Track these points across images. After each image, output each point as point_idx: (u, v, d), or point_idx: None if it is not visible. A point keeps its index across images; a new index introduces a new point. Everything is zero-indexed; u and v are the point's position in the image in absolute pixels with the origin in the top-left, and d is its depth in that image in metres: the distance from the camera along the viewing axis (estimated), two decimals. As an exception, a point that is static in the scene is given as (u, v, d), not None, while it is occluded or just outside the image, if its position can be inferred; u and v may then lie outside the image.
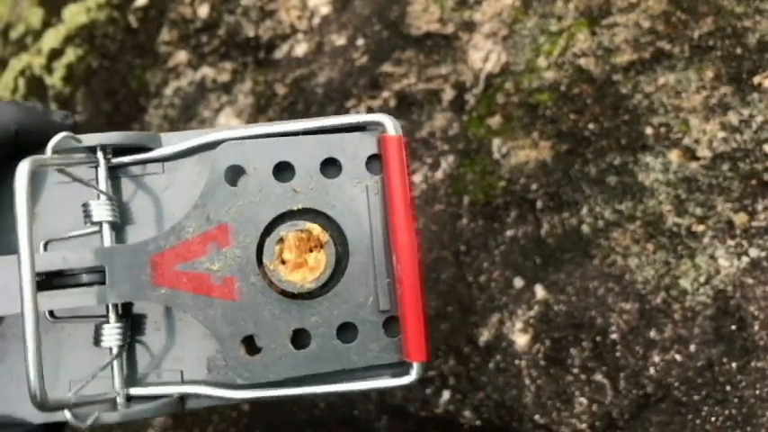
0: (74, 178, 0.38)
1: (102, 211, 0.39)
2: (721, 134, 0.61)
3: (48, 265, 0.37)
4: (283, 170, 0.39)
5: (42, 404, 0.33)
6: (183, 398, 0.40)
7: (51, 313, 0.40)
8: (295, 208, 0.39)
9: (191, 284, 0.38)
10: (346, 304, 0.39)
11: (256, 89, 0.83)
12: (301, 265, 0.39)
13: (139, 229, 0.41)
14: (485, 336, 0.63)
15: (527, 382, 0.60)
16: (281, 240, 0.39)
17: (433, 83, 0.74)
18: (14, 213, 0.34)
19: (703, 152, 0.61)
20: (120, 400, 0.39)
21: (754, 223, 0.57)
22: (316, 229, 0.39)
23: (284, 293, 0.38)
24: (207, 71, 0.86)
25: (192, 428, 0.74)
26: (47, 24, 1.02)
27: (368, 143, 0.40)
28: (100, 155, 0.40)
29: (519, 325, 0.62)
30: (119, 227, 0.40)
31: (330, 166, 0.40)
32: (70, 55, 0.98)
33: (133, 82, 0.91)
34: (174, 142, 0.41)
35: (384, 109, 0.75)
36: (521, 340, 0.61)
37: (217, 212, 0.38)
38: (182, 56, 0.88)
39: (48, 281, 0.38)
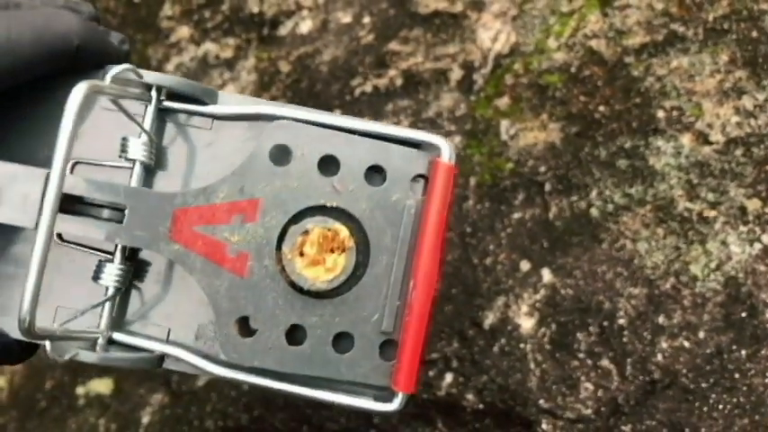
0: (123, 111, 0.37)
1: (139, 149, 0.38)
2: (735, 119, 0.59)
3: (71, 189, 0.36)
4: (329, 164, 0.38)
5: (28, 331, 0.32)
6: (162, 357, 0.39)
7: (60, 236, 0.40)
8: (329, 204, 0.38)
9: (205, 248, 0.37)
10: (351, 314, 0.38)
11: (260, 66, 0.82)
12: (318, 263, 0.38)
13: (170, 178, 0.40)
14: (490, 319, 0.62)
15: (532, 366, 0.59)
16: (305, 232, 0.38)
17: (440, 62, 0.73)
18: (58, 133, 0.33)
19: (716, 137, 0.59)
20: (101, 341, 0.38)
21: (767, 209, 0.56)
22: (343, 231, 0.38)
23: (293, 286, 0.38)
24: (209, 47, 0.85)
25: (189, 406, 0.73)
26: (46, -3, 1.00)
27: (419, 162, 0.39)
28: (154, 94, 0.39)
29: (525, 308, 0.61)
30: (151, 169, 0.40)
31: (375, 174, 0.39)
32: (70, 29, 0.96)
33: (135, 57, 0.89)
34: (230, 103, 0.40)
35: (390, 89, 0.74)
36: (526, 324, 0.61)
37: (252, 186, 0.38)
38: (184, 31, 0.87)
39: (67, 203, 0.37)
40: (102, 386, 0.79)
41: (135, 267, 0.40)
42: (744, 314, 0.54)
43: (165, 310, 0.40)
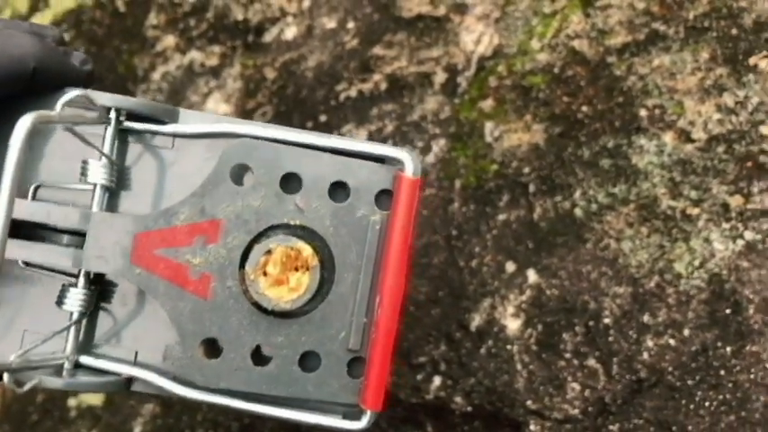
0: (78, 136, 0.37)
1: (99, 172, 0.38)
2: (717, 116, 0.60)
3: (30, 216, 0.36)
4: (291, 181, 0.38)
5: None
6: (130, 379, 0.39)
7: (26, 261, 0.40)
8: (292, 222, 0.38)
9: (167, 271, 0.37)
10: (317, 333, 0.38)
11: (245, 73, 0.82)
12: (282, 282, 0.37)
13: (133, 199, 0.40)
14: (476, 321, 0.62)
15: (519, 367, 0.59)
16: (268, 252, 0.37)
17: (424, 66, 0.73)
18: (5, 164, 0.33)
19: (698, 134, 0.60)
20: (67, 365, 0.38)
21: (749, 206, 0.56)
22: (306, 249, 0.37)
23: (257, 306, 0.37)
24: (195, 55, 0.85)
25: (180, 416, 0.73)
26: (34, 9, 1.00)
27: (383, 177, 0.38)
28: (113, 116, 0.38)
29: (511, 310, 0.61)
30: (113, 191, 0.39)
31: (339, 190, 0.38)
32: (57, 40, 0.96)
33: (120, 67, 0.90)
34: (192, 121, 0.40)
35: (374, 93, 0.74)
36: (512, 325, 0.61)
37: (213, 206, 0.37)
38: (169, 40, 0.87)
39: (28, 228, 0.37)
40: (93, 398, 0.79)
41: (101, 290, 0.40)
42: (728, 311, 0.55)
43: (131, 332, 0.40)
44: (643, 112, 0.62)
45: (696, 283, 0.56)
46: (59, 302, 0.38)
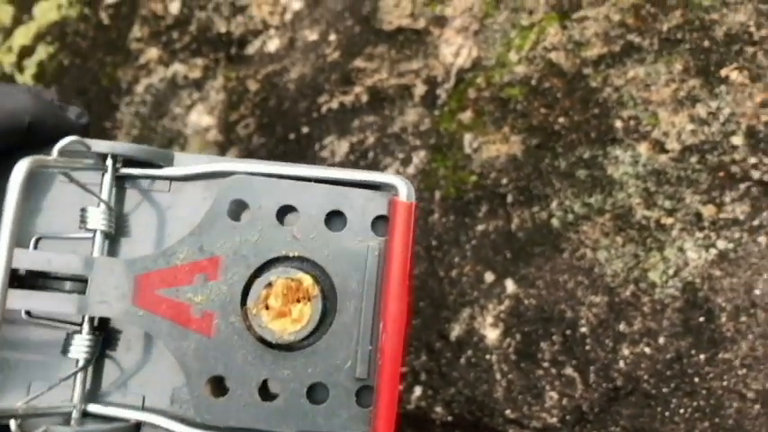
0: (76, 183, 0.37)
1: (98, 219, 0.38)
2: (690, 126, 0.61)
3: (31, 264, 0.36)
4: (287, 214, 0.39)
5: None
6: (138, 425, 0.39)
7: (28, 312, 0.40)
8: (291, 254, 0.38)
9: (170, 312, 0.37)
10: (323, 364, 0.38)
11: (228, 85, 0.83)
12: (284, 315, 0.37)
13: (134, 244, 0.40)
14: (456, 331, 0.63)
15: (498, 376, 0.60)
16: (269, 285, 0.37)
17: (404, 78, 0.74)
18: (3, 209, 0.33)
19: (672, 145, 0.61)
20: (75, 414, 0.38)
21: (721, 215, 0.58)
22: (307, 280, 0.38)
23: (261, 340, 0.37)
24: (178, 68, 0.85)
25: None
26: (17, 22, 1.00)
27: (378, 203, 0.39)
28: (109, 163, 0.39)
29: (490, 319, 0.62)
30: (113, 237, 0.40)
31: (335, 219, 0.39)
32: (41, 53, 0.97)
33: (104, 79, 0.90)
34: (186, 163, 0.40)
35: (356, 105, 0.75)
36: (491, 335, 0.61)
37: (211, 244, 0.37)
38: (153, 52, 0.87)
39: (31, 278, 0.37)
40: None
41: (105, 336, 0.40)
42: (701, 319, 0.55)
43: (138, 377, 0.40)
44: (618, 124, 0.63)
45: (670, 292, 0.57)
46: (65, 350, 0.38)
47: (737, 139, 0.59)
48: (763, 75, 0.60)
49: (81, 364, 0.38)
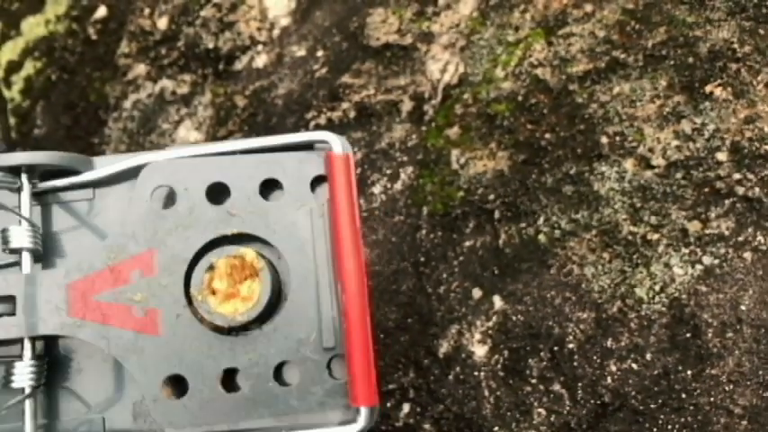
0: None
1: (22, 237, 0.36)
2: (675, 142, 0.61)
3: None
4: (218, 192, 0.36)
5: None
6: None
7: None
8: (229, 233, 0.36)
9: (111, 317, 0.35)
10: (286, 341, 0.35)
11: (216, 101, 0.83)
12: (234, 296, 0.35)
13: (65, 258, 0.38)
14: (444, 347, 0.62)
15: (486, 393, 0.60)
16: (211, 268, 0.35)
17: (391, 94, 0.74)
18: None
19: (657, 160, 0.61)
20: None
21: (707, 231, 0.58)
22: (249, 254, 0.36)
23: (215, 328, 0.35)
24: (166, 83, 0.85)
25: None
26: (5, 37, 1.00)
27: (313, 163, 0.37)
28: (24, 178, 0.37)
29: (478, 336, 0.62)
30: (41, 255, 0.37)
31: (271, 188, 0.37)
32: (29, 68, 0.96)
33: (92, 95, 0.90)
34: (107, 165, 0.38)
35: (344, 121, 0.75)
36: (479, 351, 0.61)
37: (142, 237, 0.35)
38: (141, 68, 0.87)
39: None
40: None
41: (54, 361, 0.37)
42: (688, 335, 0.56)
43: (95, 397, 0.37)
44: (604, 139, 0.63)
45: (657, 308, 0.57)
46: (6, 382, 0.35)
47: (722, 155, 0.59)
48: (747, 91, 0.60)
49: (28, 392, 0.35)
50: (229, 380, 0.35)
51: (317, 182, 0.37)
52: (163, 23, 0.87)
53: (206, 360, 0.35)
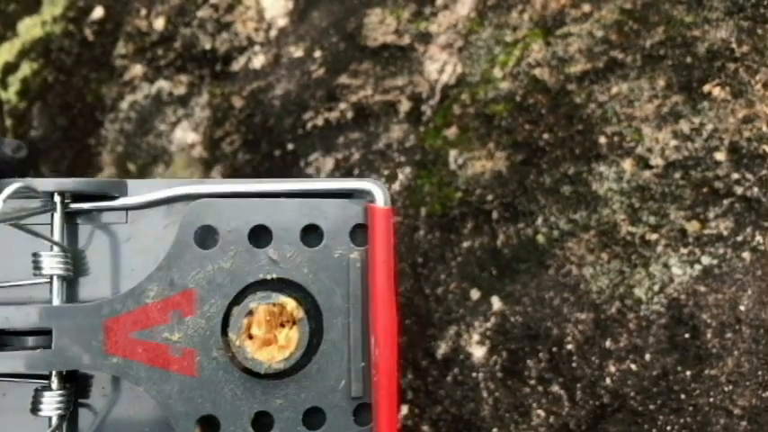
0: (26, 230, 0.34)
1: (53, 263, 0.35)
2: (673, 142, 0.61)
3: None
4: (260, 234, 0.36)
5: None
6: None
7: None
8: (269, 277, 0.36)
9: (146, 355, 0.34)
10: (316, 387, 0.36)
11: (213, 102, 0.82)
12: (270, 342, 0.35)
13: (95, 284, 0.37)
14: (442, 348, 0.62)
15: (484, 394, 0.60)
16: (250, 313, 0.35)
17: (389, 94, 0.74)
18: None
19: (656, 161, 0.61)
20: None
21: (706, 231, 0.58)
22: (290, 303, 0.36)
23: (249, 372, 0.35)
24: (163, 84, 0.85)
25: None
26: (1, 38, 1.00)
27: (354, 212, 0.37)
28: (57, 200, 0.36)
29: (476, 337, 0.61)
30: (72, 280, 0.37)
31: (311, 234, 0.37)
32: (25, 69, 0.96)
33: (89, 96, 0.89)
34: (142, 190, 0.37)
35: (341, 121, 0.75)
36: (478, 352, 0.61)
37: (182, 277, 0.35)
38: (137, 69, 0.87)
39: None
40: None
41: (78, 386, 0.37)
42: (687, 335, 0.55)
43: (117, 427, 0.37)
44: (602, 140, 0.63)
45: (656, 309, 0.57)
46: (34, 409, 0.35)
47: (721, 155, 0.59)
48: (745, 91, 0.60)
49: (55, 422, 0.35)
50: (260, 423, 0.36)
51: (355, 230, 0.37)
52: (159, 24, 0.87)
53: (239, 403, 0.35)
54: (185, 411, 0.35)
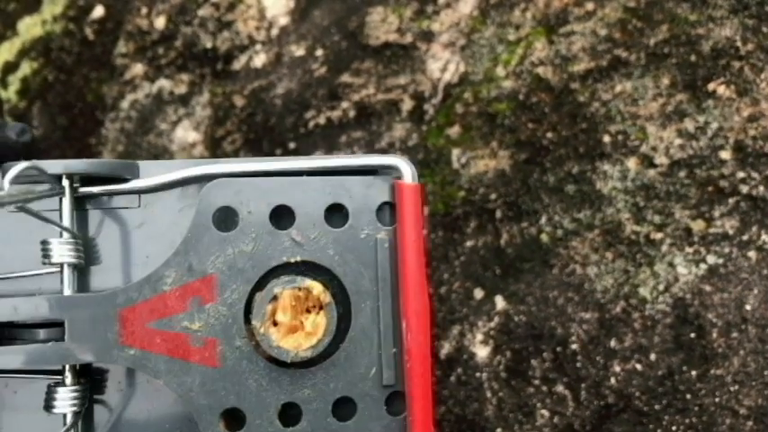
0: (34, 215, 0.32)
1: (63, 251, 0.33)
2: (678, 141, 0.60)
3: None
4: (282, 215, 0.34)
5: None
6: None
7: None
8: (293, 260, 0.34)
9: (165, 346, 0.33)
10: (345, 376, 0.34)
11: (214, 101, 0.82)
12: (296, 329, 0.34)
13: (107, 273, 0.35)
14: (446, 348, 0.62)
15: (488, 395, 0.59)
16: (274, 298, 0.33)
17: (391, 93, 0.73)
18: None
19: (660, 159, 0.60)
20: None
21: (711, 230, 0.57)
22: (316, 287, 0.34)
23: (274, 361, 0.34)
24: (164, 83, 0.85)
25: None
26: (1, 37, 0.99)
27: (380, 189, 0.35)
28: (66, 184, 0.34)
29: (480, 337, 0.61)
30: (83, 268, 0.35)
31: (335, 213, 0.35)
32: (26, 68, 0.96)
33: (89, 95, 0.89)
34: (154, 172, 0.35)
35: (343, 120, 0.74)
36: (482, 352, 0.61)
37: (201, 261, 0.33)
38: (138, 68, 0.87)
39: None
40: None
41: (92, 380, 0.35)
42: (692, 335, 0.55)
43: (136, 420, 0.35)
44: (606, 138, 0.63)
45: (661, 308, 0.57)
46: (48, 406, 0.33)
47: (726, 154, 0.59)
48: (750, 89, 0.60)
49: (69, 419, 0.33)
50: (287, 415, 0.34)
51: (381, 208, 0.35)
52: (160, 23, 0.87)
53: (265, 394, 0.33)
54: (208, 404, 0.33)
